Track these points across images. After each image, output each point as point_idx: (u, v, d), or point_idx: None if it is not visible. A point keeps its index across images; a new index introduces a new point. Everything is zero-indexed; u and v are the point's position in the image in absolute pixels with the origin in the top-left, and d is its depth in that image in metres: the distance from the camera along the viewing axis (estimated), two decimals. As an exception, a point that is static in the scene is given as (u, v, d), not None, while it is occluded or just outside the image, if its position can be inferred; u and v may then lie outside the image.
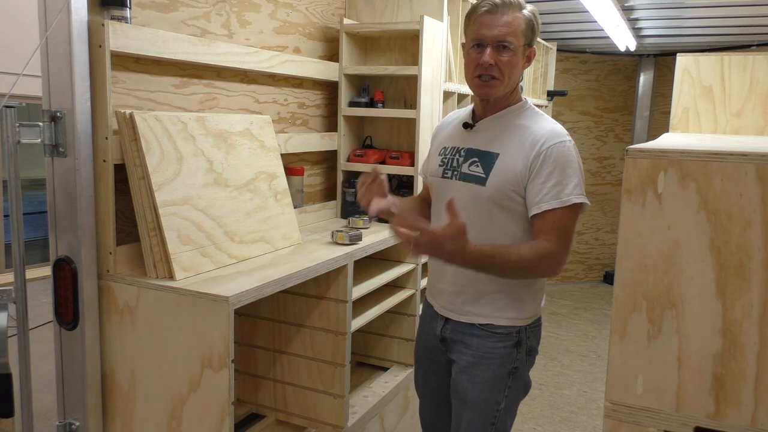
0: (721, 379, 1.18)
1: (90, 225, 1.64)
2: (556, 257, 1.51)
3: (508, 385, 1.65)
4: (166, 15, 1.87)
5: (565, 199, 1.51)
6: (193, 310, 1.58)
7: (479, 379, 1.64)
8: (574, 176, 1.53)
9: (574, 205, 1.52)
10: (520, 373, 1.67)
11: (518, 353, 1.65)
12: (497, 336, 1.63)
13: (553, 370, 4.00)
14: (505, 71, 1.57)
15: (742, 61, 2.33)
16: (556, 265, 1.53)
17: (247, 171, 1.98)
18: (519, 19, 1.56)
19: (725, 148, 1.16)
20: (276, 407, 2.24)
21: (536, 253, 1.50)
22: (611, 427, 1.28)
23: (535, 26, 1.60)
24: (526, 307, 1.65)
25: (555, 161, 1.53)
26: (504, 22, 1.55)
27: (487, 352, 1.64)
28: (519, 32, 1.56)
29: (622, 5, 3.77)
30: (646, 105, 6.05)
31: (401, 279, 2.60)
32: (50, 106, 1.59)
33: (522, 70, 1.63)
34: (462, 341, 1.67)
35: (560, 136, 1.57)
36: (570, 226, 1.53)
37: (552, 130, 1.58)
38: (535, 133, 1.58)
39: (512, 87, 1.63)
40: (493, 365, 1.64)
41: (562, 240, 1.52)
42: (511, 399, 1.67)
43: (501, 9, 1.55)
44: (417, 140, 2.55)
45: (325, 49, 2.68)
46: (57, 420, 1.71)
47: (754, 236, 1.12)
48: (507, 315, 1.63)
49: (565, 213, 1.51)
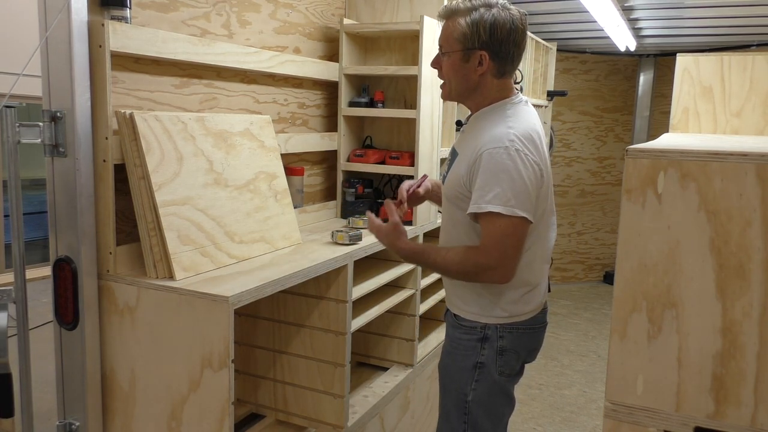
0: (721, 379, 1.18)
1: (90, 225, 1.64)
2: (484, 263, 1.53)
3: (474, 378, 1.69)
4: (166, 15, 1.87)
5: (483, 205, 1.50)
6: (193, 310, 1.58)
7: (449, 369, 1.77)
8: (497, 185, 1.49)
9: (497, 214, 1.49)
10: (488, 370, 1.68)
11: (483, 348, 1.68)
12: (463, 328, 1.72)
13: (553, 370, 4.00)
14: (445, 75, 1.67)
15: (742, 61, 2.33)
16: (489, 270, 1.53)
17: (247, 171, 1.98)
18: (456, 23, 1.59)
19: (725, 148, 1.16)
20: (276, 407, 2.24)
21: (460, 257, 1.58)
22: (611, 427, 1.28)
23: (472, 30, 1.57)
24: (491, 306, 1.67)
25: (485, 167, 1.52)
26: (443, 28, 1.65)
27: (455, 341, 1.74)
28: (452, 38, 1.60)
29: (622, 5, 3.76)
30: (646, 105, 6.05)
31: (401, 279, 2.60)
32: (50, 106, 1.59)
33: (474, 76, 1.62)
34: (447, 328, 1.82)
35: (499, 141, 1.53)
36: (500, 233, 1.50)
37: (493, 136, 1.55)
38: (481, 136, 1.59)
39: (463, 89, 1.65)
40: (459, 356, 1.73)
41: (494, 246, 1.51)
42: (481, 394, 1.69)
43: (444, 16, 1.64)
44: (417, 140, 2.55)
45: (325, 49, 2.68)
46: (57, 420, 1.71)
47: (754, 236, 1.12)
48: (470, 309, 1.70)
49: (489, 220, 1.51)
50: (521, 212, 1.50)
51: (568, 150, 6.02)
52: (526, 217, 1.51)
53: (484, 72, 1.61)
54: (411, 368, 2.69)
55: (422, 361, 2.78)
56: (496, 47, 1.58)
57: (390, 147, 2.83)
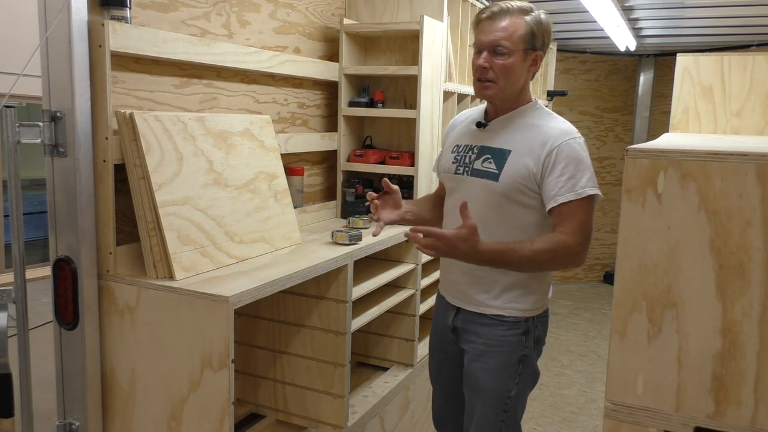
0: (721, 379, 1.18)
1: (90, 225, 1.64)
2: (572, 248, 1.58)
3: (518, 372, 1.72)
4: (166, 15, 1.87)
5: (580, 191, 1.59)
6: (193, 310, 1.58)
7: (490, 367, 1.72)
8: (586, 170, 1.61)
9: (589, 197, 1.60)
10: (529, 361, 1.74)
11: (527, 341, 1.72)
12: (506, 324, 1.71)
13: (553, 370, 4.00)
14: (500, 74, 1.65)
15: (742, 61, 2.33)
16: (575, 255, 1.59)
17: (247, 171, 1.98)
18: (517, 23, 1.63)
19: (725, 148, 1.16)
20: (276, 407, 2.24)
21: (551, 244, 1.58)
22: (611, 427, 1.28)
23: (537, 31, 1.65)
24: (534, 297, 1.73)
25: (566, 157, 1.61)
26: (500, 27, 1.64)
27: (497, 340, 1.71)
28: (516, 37, 1.63)
29: (622, 5, 3.77)
30: (646, 105, 6.05)
31: (401, 279, 2.60)
32: (50, 106, 1.59)
33: (526, 74, 1.70)
34: (473, 331, 1.75)
35: (569, 134, 1.64)
36: (586, 217, 1.60)
37: (561, 129, 1.66)
38: (545, 132, 1.66)
39: (513, 89, 1.70)
40: (503, 353, 1.71)
41: (579, 230, 1.59)
42: (521, 387, 1.74)
43: (499, 15, 1.64)
44: (417, 140, 2.55)
45: (325, 49, 2.68)
46: (57, 420, 1.71)
47: (754, 236, 1.12)
48: (517, 306, 1.71)
49: (580, 205, 1.59)
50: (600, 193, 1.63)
51: (568, 150, 6.00)
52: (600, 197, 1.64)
53: (533, 73, 1.72)
54: (411, 368, 2.69)
55: (422, 361, 2.78)
56: (545, 50, 1.70)
57: (390, 147, 2.83)
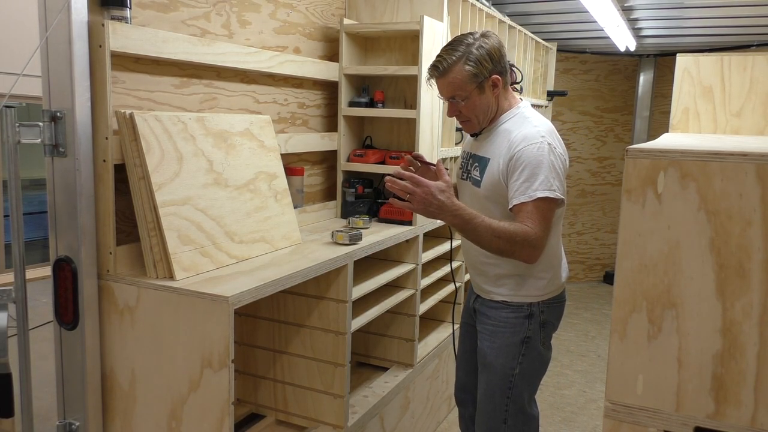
0: (721, 379, 1.18)
1: (90, 225, 1.64)
2: (531, 237, 1.71)
3: (521, 352, 1.88)
4: (166, 15, 1.87)
5: (532, 194, 1.72)
6: (193, 310, 1.58)
7: (496, 345, 1.90)
8: (541, 174, 1.73)
9: (544, 199, 1.72)
10: (533, 343, 1.89)
11: (530, 324, 1.88)
12: (510, 308, 1.89)
13: (553, 370, 4.00)
14: (470, 113, 1.84)
15: (742, 61, 2.33)
16: (532, 247, 1.72)
17: (247, 171, 1.99)
18: (459, 73, 1.77)
19: (725, 148, 1.16)
20: (276, 407, 2.24)
21: (514, 227, 1.71)
22: (611, 427, 1.28)
23: (479, 65, 1.76)
24: (537, 285, 1.89)
25: (524, 162, 1.74)
26: (447, 83, 1.80)
27: (502, 321, 1.90)
28: (463, 84, 1.78)
29: (622, 5, 3.77)
30: (646, 105, 6.05)
31: (401, 279, 2.60)
32: (50, 106, 1.59)
33: (492, 98, 1.83)
34: (485, 313, 1.95)
35: (530, 140, 1.76)
36: (542, 217, 1.73)
37: (524, 135, 1.78)
38: (511, 138, 1.80)
39: (490, 115, 1.86)
40: (507, 333, 1.89)
41: (538, 226, 1.72)
42: (526, 367, 1.89)
43: (443, 74, 1.79)
44: (417, 140, 2.55)
45: (325, 49, 2.68)
46: (57, 420, 1.72)
47: (754, 236, 1.12)
48: (519, 293, 1.88)
49: (535, 205, 1.72)
50: (561, 195, 1.76)
51: (568, 150, 5.99)
52: (563, 199, 1.78)
53: (500, 90, 1.84)
54: (411, 368, 2.69)
55: (422, 361, 2.78)
56: (499, 66, 1.81)
57: (390, 147, 2.83)
